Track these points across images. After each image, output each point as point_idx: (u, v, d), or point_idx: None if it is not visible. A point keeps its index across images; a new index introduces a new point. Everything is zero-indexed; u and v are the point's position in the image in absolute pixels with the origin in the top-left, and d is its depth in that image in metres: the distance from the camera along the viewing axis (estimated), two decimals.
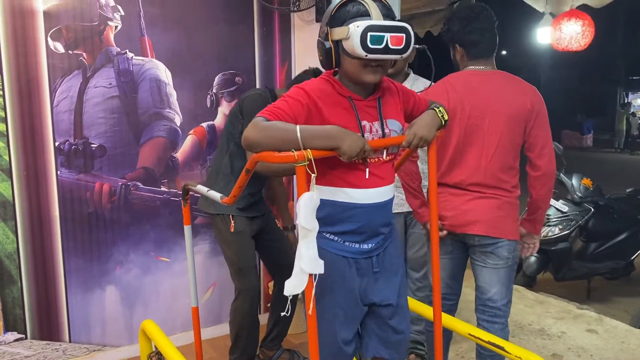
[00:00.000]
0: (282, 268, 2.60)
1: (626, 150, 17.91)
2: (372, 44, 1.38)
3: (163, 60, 2.83)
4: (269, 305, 2.81)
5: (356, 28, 1.37)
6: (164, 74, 2.84)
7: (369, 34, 1.36)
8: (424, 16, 4.95)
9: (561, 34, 4.14)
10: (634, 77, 22.46)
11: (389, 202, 1.60)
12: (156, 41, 2.80)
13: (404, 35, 1.41)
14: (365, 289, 1.59)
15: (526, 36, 4.88)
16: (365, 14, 1.41)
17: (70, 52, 2.61)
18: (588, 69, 20.74)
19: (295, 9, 3.04)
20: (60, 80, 2.60)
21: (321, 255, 1.34)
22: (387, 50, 1.39)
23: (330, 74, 1.55)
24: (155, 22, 2.79)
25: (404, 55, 1.43)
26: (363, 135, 1.49)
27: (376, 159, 1.52)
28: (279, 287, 2.69)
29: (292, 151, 1.28)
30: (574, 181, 4.48)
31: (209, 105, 2.96)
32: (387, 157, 1.56)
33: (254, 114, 1.99)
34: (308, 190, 1.30)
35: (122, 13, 2.70)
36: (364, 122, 1.51)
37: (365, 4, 1.42)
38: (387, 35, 1.38)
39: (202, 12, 2.91)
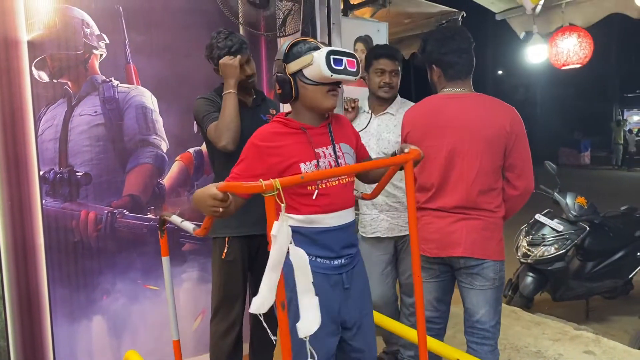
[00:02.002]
0: None
1: (623, 167, 17.91)
2: (335, 65, 1.60)
3: (149, 87, 2.83)
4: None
5: (320, 52, 1.60)
6: (150, 100, 2.84)
7: (332, 56, 1.59)
8: (411, 40, 5.27)
9: (558, 49, 4.13)
10: (629, 95, 22.60)
11: (349, 225, 1.73)
12: (142, 68, 2.81)
13: (355, 60, 1.65)
14: (339, 304, 1.70)
15: (521, 56, 4.91)
16: (317, 48, 1.64)
17: (55, 81, 2.61)
18: (584, 87, 20.89)
19: (281, 34, 3.06)
20: (45, 109, 2.59)
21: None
22: (346, 71, 1.62)
23: (282, 115, 1.75)
24: (141, 50, 2.80)
25: (357, 78, 1.67)
26: (318, 162, 1.64)
27: (337, 182, 1.68)
28: (256, 318, 2.62)
29: (260, 181, 1.30)
30: (568, 200, 4.44)
31: (195, 131, 2.96)
32: (347, 180, 1.71)
33: (200, 115, 2.27)
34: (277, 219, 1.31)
35: (108, 41, 2.71)
36: (318, 150, 1.67)
37: (314, 41, 1.68)
38: (345, 59, 1.62)
39: (188, 39, 2.92)
